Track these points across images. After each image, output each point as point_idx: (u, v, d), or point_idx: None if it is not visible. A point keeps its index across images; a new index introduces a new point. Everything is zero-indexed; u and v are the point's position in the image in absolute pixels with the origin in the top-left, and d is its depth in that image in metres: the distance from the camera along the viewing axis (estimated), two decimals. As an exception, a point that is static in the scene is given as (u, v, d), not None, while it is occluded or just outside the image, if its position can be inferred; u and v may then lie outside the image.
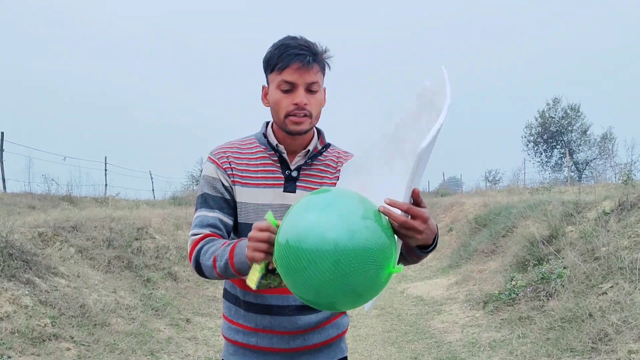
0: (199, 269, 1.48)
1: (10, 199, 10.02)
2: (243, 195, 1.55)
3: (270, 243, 1.22)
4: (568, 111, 26.44)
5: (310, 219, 1.12)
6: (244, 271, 1.35)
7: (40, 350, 4.07)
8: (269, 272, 1.28)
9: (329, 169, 1.62)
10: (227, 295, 1.64)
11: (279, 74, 1.48)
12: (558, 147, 26.84)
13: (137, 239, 7.74)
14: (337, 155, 1.65)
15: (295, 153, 1.59)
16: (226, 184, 1.56)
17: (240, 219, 1.56)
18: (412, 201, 1.21)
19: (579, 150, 26.45)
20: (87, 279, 5.78)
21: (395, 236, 1.19)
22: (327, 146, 1.64)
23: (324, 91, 1.57)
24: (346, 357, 1.68)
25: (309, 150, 1.59)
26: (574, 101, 26.54)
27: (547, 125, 26.62)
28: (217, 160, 1.58)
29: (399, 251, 1.26)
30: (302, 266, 1.09)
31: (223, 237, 1.53)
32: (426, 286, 8.72)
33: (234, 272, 1.39)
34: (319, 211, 1.13)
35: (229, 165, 1.57)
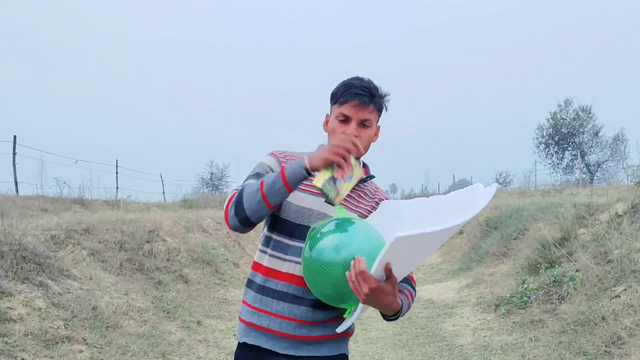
0: (238, 203, 1.60)
1: (22, 202, 10.11)
2: (291, 196, 1.72)
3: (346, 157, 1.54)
4: (580, 113, 26.21)
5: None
6: (293, 179, 1.56)
7: (53, 352, 4.10)
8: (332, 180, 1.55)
9: (366, 197, 1.83)
10: (249, 283, 1.79)
11: (339, 107, 1.72)
12: (569, 148, 26.62)
13: (148, 242, 7.79)
14: (374, 189, 1.87)
15: None
16: None
17: (282, 215, 1.73)
18: (383, 275, 1.43)
19: (590, 152, 26.22)
20: (99, 282, 5.82)
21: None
22: (371, 177, 1.88)
23: (378, 129, 1.79)
24: (346, 355, 1.80)
25: None
26: (586, 102, 26.34)
27: (558, 126, 26.41)
28: (278, 156, 1.79)
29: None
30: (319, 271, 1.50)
31: None
32: (437, 289, 8.69)
33: (283, 181, 1.56)
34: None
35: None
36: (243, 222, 1.61)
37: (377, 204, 1.82)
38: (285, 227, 1.72)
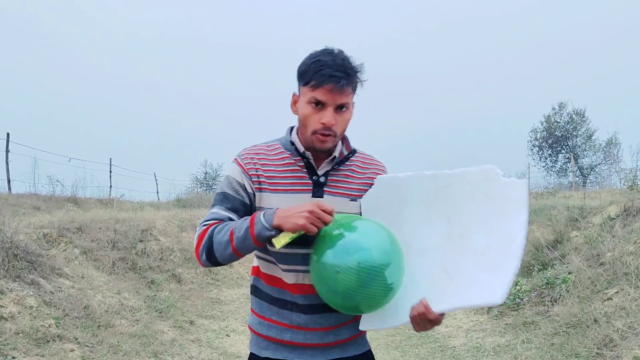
0: (209, 250, 1.50)
1: (15, 200, 10.06)
2: (272, 201, 1.56)
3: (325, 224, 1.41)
4: (573, 116, 26.38)
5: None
6: (262, 238, 1.43)
7: (44, 351, 4.08)
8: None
9: (355, 174, 1.65)
10: (257, 292, 1.67)
11: (311, 90, 1.49)
12: (563, 152, 26.75)
13: (141, 241, 7.76)
14: (362, 160, 1.69)
15: (321, 159, 1.61)
16: (249, 189, 1.57)
17: None
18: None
19: (584, 155, 26.38)
20: (92, 280, 5.79)
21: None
22: (353, 152, 1.67)
23: (353, 105, 1.58)
24: (370, 349, 1.78)
25: (335, 156, 1.61)
26: (580, 106, 26.50)
27: (552, 130, 26.55)
28: (243, 165, 1.58)
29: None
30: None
31: None
32: (430, 290, 8.69)
33: (253, 240, 1.44)
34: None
35: (255, 172, 1.57)
36: (215, 264, 1.53)
37: (371, 178, 1.66)
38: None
